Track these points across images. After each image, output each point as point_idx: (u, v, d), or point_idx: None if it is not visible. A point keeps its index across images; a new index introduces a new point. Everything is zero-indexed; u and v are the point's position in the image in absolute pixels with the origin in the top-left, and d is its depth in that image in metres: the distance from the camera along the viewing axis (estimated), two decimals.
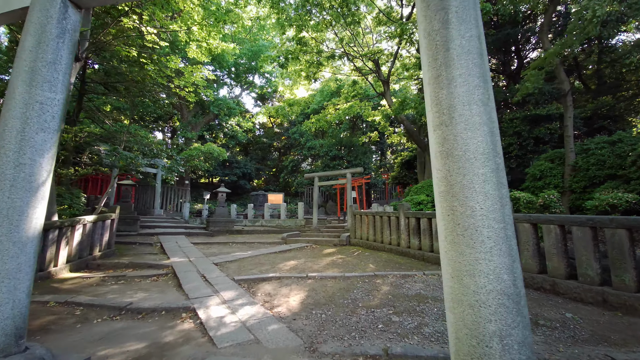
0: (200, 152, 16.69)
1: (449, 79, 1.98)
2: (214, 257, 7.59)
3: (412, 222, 7.14)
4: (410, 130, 11.07)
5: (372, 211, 9.08)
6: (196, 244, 10.02)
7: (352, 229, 9.95)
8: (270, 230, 13.41)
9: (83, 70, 9.57)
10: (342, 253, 8.22)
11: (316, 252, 8.75)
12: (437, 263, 6.26)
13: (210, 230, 12.53)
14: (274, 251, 8.73)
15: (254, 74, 23.78)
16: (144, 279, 5.95)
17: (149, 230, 11.77)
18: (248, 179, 27.00)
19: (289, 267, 6.54)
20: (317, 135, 27.88)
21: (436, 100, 2.01)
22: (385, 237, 8.16)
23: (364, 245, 9.04)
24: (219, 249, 9.14)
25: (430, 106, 2.06)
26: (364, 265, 6.39)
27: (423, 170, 12.28)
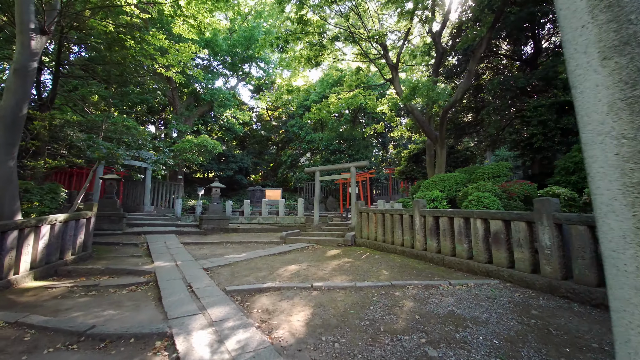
0: (194, 144, 15.78)
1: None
2: (204, 261, 6.76)
3: (429, 221, 6.32)
4: (420, 120, 10.22)
5: (381, 208, 8.25)
6: (186, 244, 9.18)
7: (358, 227, 9.14)
8: (268, 229, 12.58)
9: (58, 52, 8.62)
10: (349, 255, 7.41)
11: (319, 253, 7.93)
12: (461, 269, 5.46)
13: (203, 228, 11.68)
14: (272, 253, 7.90)
15: (251, 64, 22.75)
16: (119, 288, 5.10)
17: (136, 229, 10.90)
18: (245, 173, 26.11)
19: (290, 273, 5.71)
20: (316, 129, 26.97)
21: None
22: (397, 238, 7.35)
23: (372, 246, 8.23)
24: (211, 250, 8.30)
25: None
26: (377, 272, 5.57)
27: (433, 164, 11.46)
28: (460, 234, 5.56)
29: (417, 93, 8.45)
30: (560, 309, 3.71)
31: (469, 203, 6.68)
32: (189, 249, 8.37)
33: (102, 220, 9.98)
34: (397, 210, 7.40)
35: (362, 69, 12.12)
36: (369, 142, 24.40)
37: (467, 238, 5.52)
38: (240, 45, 19.31)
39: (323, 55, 10.47)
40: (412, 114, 10.22)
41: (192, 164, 18.49)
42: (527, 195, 6.81)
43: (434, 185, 9.17)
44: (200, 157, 16.80)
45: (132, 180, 15.89)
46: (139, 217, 12.94)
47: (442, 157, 10.45)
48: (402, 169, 12.79)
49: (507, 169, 8.00)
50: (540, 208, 4.29)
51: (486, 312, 3.58)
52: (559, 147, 7.67)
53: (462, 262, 5.45)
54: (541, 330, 3.17)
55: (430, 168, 11.38)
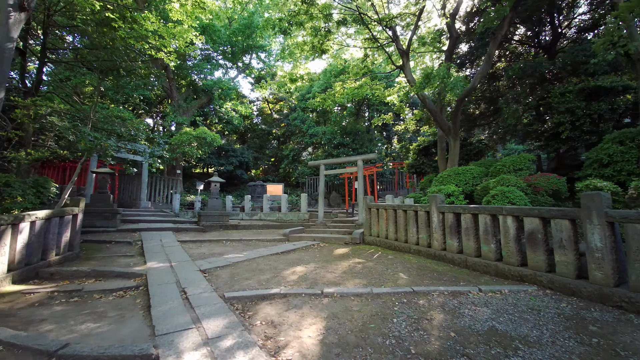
0: (192, 137, 15.20)
1: None
2: (201, 261, 6.21)
3: (449, 218, 5.75)
4: (432, 109, 9.59)
5: (393, 204, 7.68)
6: (184, 242, 8.64)
7: (367, 224, 8.57)
8: (270, 225, 12.04)
9: (44, 35, 8.00)
10: (358, 255, 6.85)
11: (326, 253, 7.38)
12: (488, 272, 4.90)
13: (201, 225, 11.14)
14: (275, 252, 7.36)
15: (252, 55, 22.01)
16: (105, 294, 4.56)
17: (131, 226, 10.37)
18: (245, 168, 25.52)
19: (296, 276, 5.16)
20: (319, 122, 26.30)
21: None
22: (411, 236, 6.78)
23: (383, 245, 7.67)
24: (210, 249, 7.77)
25: None
26: (393, 275, 5.01)
27: (444, 157, 10.84)
28: (487, 233, 4.99)
29: (432, 80, 7.82)
30: (619, 323, 3.14)
31: (492, 198, 6.09)
32: (185, 248, 7.83)
33: (94, 216, 9.45)
34: (412, 206, 6.82)
35: (370, 55, 11.45)
36: (373, 135, 23.75)
37: (494, 237, 4.94)
38: (240, 33, 18.58)
39: (328, 42, 9.80)
40: (424, 103, 9.59)
41: (191, 158, 17.91)
42: (556, 190, 6.22)
43: (448, 179, 8.58)
44: (199, 150, 16.22)
45: (128, 174, 15.36)
46: (135, 213, 12.41)
47: (455, 149, 9.84)
48: (412, 162, 12.17)
49: (530, 162, 7.40)
50: (589, 204, 3.70)
51: (535, 328, 3.02)
52: (587, 137, 7.05)
53: (489, 264, 4.89)
54: (607, 352, 2.61)
55: (442, 161, 10.77)
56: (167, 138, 17.43)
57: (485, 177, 8.26)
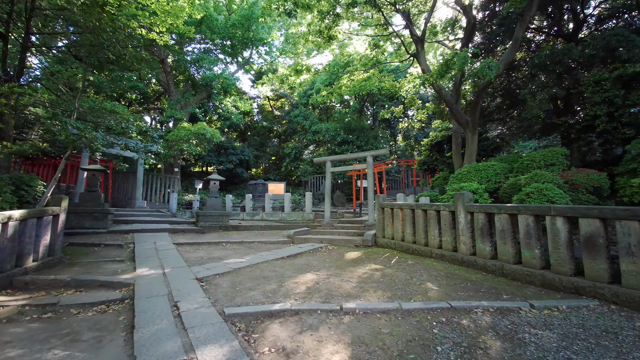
0: (190, 133, 14.53)
1: None
2: (198, 267, 5.56)
3: (480, 219, 5.08)
4: (448, 101, 8.92)
5: (410, 203, 7.02)
6: (180, 244, 7.99)
7: (379, 225, 7.92)
8: (273, 226, 11.38)
9: (27, 20, 7.34)
10: (374, 259, 6.20)
11: (336, 257, 6.73)
12: (532, 282, 4.23)
13: (200, 225, 10.49)
14: (280, 256, 6.70)
15: (252, 48, 21.30)
16: (84, 309, 3.92)
17: (124, 227, 9.72)
18: (246, 166, 24.86)
19: (307, 286, 4.50)
20: (322, 119, 25.64)
21: None
22: (433, 239, 6.12)
23: (398, 248, 7.01)
24: (208, 253, 7.11)
25: None
26: (420, 285, 4.35)
27: (460, 152, 10.18)
28: (529, 236, 4.32)
29: (452, 68, 7.14)
30: None
31: (526, 197, 5.43)
32: (182, 251, 7.18)
33: (83, 217, 8.81)
34: (432, 206, 6.16)
35: (379, 45, 10.77)
36: (377, 132, 23.06)
37: (538, 242, 4.28)
38: (240, 26, 17.88)
39: (336, 28, 9.12)
40: (440, 94, 8.92)
41: (190, 155, 17.27)
42: (597, 186, 5.55)
43: (468, 176, 7.91)
44: (197, 147, 15.57)
45: (122, 172, 14.72)
46: (129, 214, 11.76)
47: (473, 144, 9.18)
48: (424, 159, 11.50)
49: (562, 156, 6.73)
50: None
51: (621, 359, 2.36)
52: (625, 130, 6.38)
53: (533, 273, 4.23)
54: None
55: (457, 157, 10.11)
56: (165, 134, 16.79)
57: (510, 174, 7.61)
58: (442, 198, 7.37)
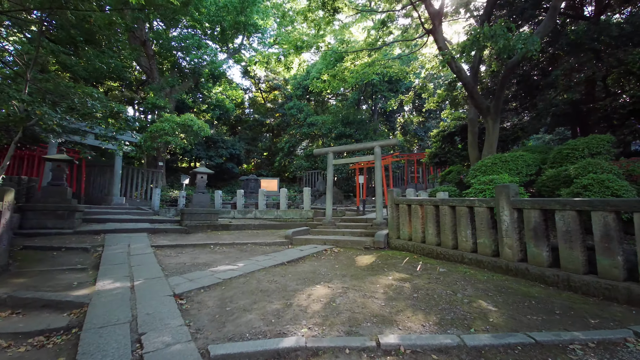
0: (176, 124, 13.29)
1: None
2: (179, 278, 4.47)
3: (533, 217, 4.13)
4: (468, 84, 7.98)
5: (433, 199, 6.04)
6: (160, 247, 6.86)
7: (393, 224, 6.93)
8: (268, 225, 10.30)
9: None
10: (393, 266, 5.21)
11: (346, 261, 5.72)
12: (613, 298, 3.30)
13: (185, 225, 9.34)
14: (279, 261, 5.65)
15: (244, 35, 20.02)
16: (16, 341, 2.84)
17: (95, 227, 8.51)
18: (237, 161, 23.65)
19: (321, 304, 3.47)
20: (316, 112, 24.57)
21: None
22: (464, 241, 5.16)
23: (418, 251, 6.04)
24: (193, 257, 6.01)
25: None
26: (470, 304, 3.36)
27: (476, 143, 9.28)
28: (608, 239, 3.38)
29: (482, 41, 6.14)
30: None
31: (582, 190, 4.50)
32: (160, 256, 6.06)
33: (45, 215, 7.59)
34: (464, 201, 5.20)
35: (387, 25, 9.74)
36: (376, 125, 22.11)
37: (620, 246, 3.34)
38: (232, 9, 16.58)
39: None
40: (459, 76, 7.98)
41: (175, 148, 15.98)
42: None
43: (494, 168, 7.00)
44: (184, 139, 14.33)
45: (98, 165, 13.39)
46: (104, 211, 10.51)
47: (494, 134, 8.28)
48: (435, 151, 10.56)
49: (609, 144, 5.86)
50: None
51: None
52: None
53: (615, 286, 3.29)
54: None
55: (473, 149, 9.21)
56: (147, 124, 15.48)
57: (543, 166, 6.72)
58: (468, 193, 6.42)
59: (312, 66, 24.56)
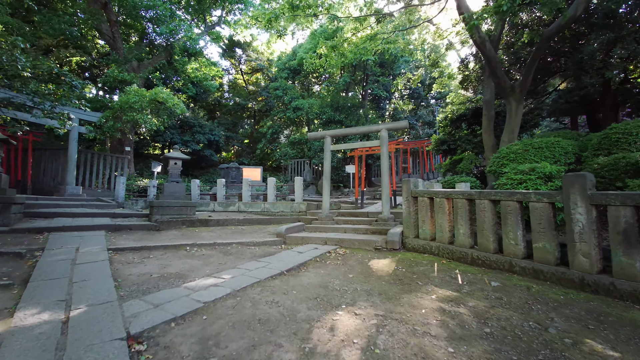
0: (144, 99, 11.52)
1: None
2: (139, 303, 3.18)
3: (621, 216, 3.17)
4: (493, 58, 6.99)
5: (464, 190, 5.02)
6: (120, 250, 5.47)
7: (410, 221, 5.89)
8: (254, 220, 9.02)
9: None
10: (424, 275, 4.16)
11: (359, 269, 4.62)
12: None
13: (155, 220, 7.89)
14: (276, 270, 4.45)
15: (223, 5, 18.04)
16: None
17: (39, 223, 6.94)
18: (215, 148, 21.92)
19: (356, 350, 2.33)
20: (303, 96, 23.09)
21: None
22: (512, 244, 4.19)
23: (446, 254, 5.04)
24: (163, 265, 4.69)
25: None
26: (577, 346, 2.34)
27: (491, 128, 8.38)
28: None
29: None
30: None
31: None
32: (119, 264, 4.71)
33: None
34: (514, 194, 4.19)
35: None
36: (367, 112, 21.00)
37: None
38: None
39: None
40: (482, 49, 6.95)
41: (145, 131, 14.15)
42: None
43: (525, 155, 6.08)
44: (154, 118, 12.58)
45: (50, 149, 11.47)
46: (54, 204, 8.82)
47: (516, 117, 7.37)
48: (443, 137, 9.57)
49: None
50: None
51: None
52: None
53: None
54: None
55: (489, 134, 8.31)
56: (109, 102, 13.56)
57: (583, 153, 5.88)
58: (501, 184, 5.46)
59: (298, 46, 22.98)
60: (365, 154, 11.87)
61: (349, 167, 14.47)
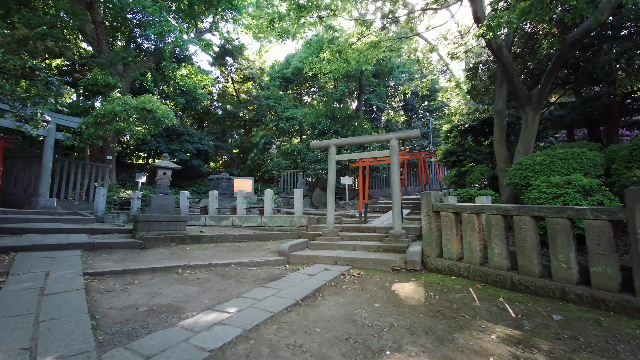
0: (131, 107, 10.77)
1: None
2: (122, 353, 2.46)
3: None
4: (509, 66, 6.70)
5: (499, 206, 4.54)
6: (98, 276, 4.69)
7: (431, 239, 5.36)
8: (251, 236, 8.29)
9: None
10: (464, 306, 3.59)
11: (384, 296, 4.02)
12: None
13: (140, 236, 7.07)
14: (290, 301, 3.78)
15: (216, 11, 17.62)
16: None
17: (6, 241, 6.06)
18: (204, 158, 21.09)
19: None
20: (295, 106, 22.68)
21: None
22: (563, 269, 3.70)
23: (478, 277, 4.50)
24: (151, 294, 3.95)
25: None
26: None
27: (503, 139, 8.07)
28: None
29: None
30: None
31: None
32: (98, 293, 3.94)
33: None
34: (563, 210, 3.72)
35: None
36: (362, 122, 20.70)
37: None
38: None
39: None
40: (498, 55, 6.66)
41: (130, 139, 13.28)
42: None
43: (551, 166, 5.71)
44: (141, 127, 11.79)
45: (22, 157, 10.49)
46: (24, 218, 7.87)
47: (533, 126, 7.07)
48: (452, 148, 9.20)
49: None
50: None
51: None
52: None
53: None
54: None
55: (501, 145, 7.98)
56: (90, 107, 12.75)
57: (614, 166, 5.56)
58: (532, 198, 5.02)
59: (291, 55, 22.73)
60: (369, 165, 11.38)
61: (344, 179, 13.95)
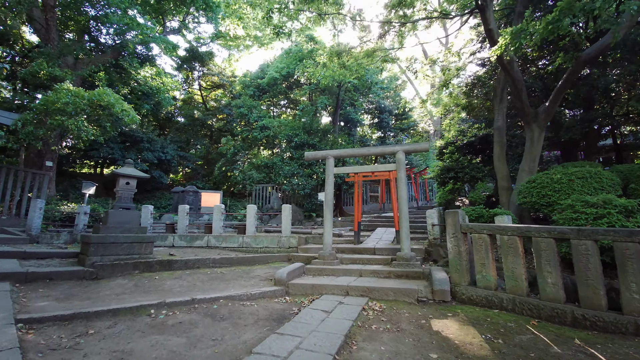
0: (81, 100, 9.14)
1: None
2: None
3: None
4: (518, 83, 6.55)
5: (545, 227, 4.05)
6: (35, 323, 3.34)
7: (460, 265, 4.73)
8: (234, 259, 7.07)
9: None
10: (536, 348, 2.93)
11: (435, 342, 3.26)
12: None
13: (91, 263, 5.58)
14: (321, 357, 2.83)
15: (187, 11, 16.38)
16: None
17: None
18: (166, 169, 19.11)
19: None
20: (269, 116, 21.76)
21: None
22: (634, 300, 3.22)
23: (525, 311, 3.92)
24: (117, 357, 2.75)
25: None
26: None
27: (504, 156, 7.94)
28: None
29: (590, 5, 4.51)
30: None
31: None
32: (35, 355, 2.65)
33: None
34: (632, 234, 3.29)
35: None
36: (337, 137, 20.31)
37: None
38: None
39: None
40: (508, 72, 6.48)
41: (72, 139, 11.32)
42: None
43: (571, 185, 5.48)
44: (93, 126, 10.09)
45: None
46: None
47: (538, 144, 6.96)
48: (450, 164, 8.88)
49: None
50: None
51: None
52: None
53: None
54: None
55: (502, 162, 7.82)
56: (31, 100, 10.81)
57: (632, 185, 5.46)
58: (567, 219, 4.65)
59: (266, 65, 21.98)
60: (366, 180, 10.76)
61: (321, 195, 13.27)
